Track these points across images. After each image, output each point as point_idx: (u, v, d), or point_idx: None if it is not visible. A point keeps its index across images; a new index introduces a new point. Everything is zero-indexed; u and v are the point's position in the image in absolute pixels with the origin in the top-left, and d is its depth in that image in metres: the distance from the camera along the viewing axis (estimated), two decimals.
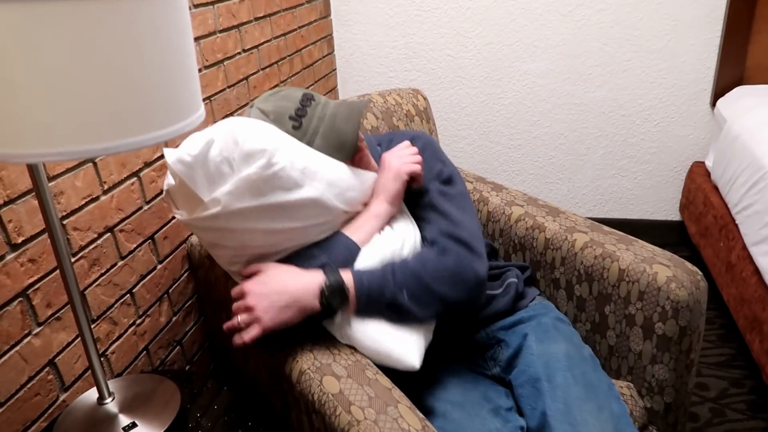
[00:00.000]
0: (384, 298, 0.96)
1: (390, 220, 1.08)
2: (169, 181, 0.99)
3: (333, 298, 0.94)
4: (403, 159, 1.09)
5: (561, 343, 1.13)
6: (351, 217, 1.06)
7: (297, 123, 0.99)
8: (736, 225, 1.81)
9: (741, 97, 2.12)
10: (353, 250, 1.01)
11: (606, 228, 1.33)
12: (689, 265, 1.20)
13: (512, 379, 1.11)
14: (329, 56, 2.50)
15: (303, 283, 0.95)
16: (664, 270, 1.17)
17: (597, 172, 2.55)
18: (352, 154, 1.04)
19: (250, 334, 0.93)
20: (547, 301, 1.29)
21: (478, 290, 1.02)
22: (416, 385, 1.05)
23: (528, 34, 2.37)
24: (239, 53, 1.73)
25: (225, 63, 1.64)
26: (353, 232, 1.03)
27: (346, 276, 0.96)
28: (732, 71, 2.24)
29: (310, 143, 1.00)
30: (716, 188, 2.08)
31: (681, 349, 1.18)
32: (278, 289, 0.95)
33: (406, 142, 1.15)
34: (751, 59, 2.22)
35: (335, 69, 2.57)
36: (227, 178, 0.92)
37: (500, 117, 2.53)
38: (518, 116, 2.52)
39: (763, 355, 1.55)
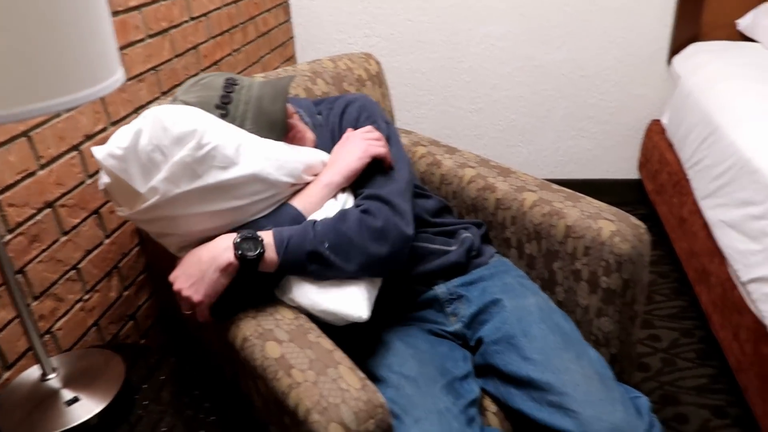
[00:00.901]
0: (304, 248, 0.96)
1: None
2: (104, 179, 0.98)
3: (246, 246, 0.94)
4: (368, 141, 1.09)
5: (531, 296, 1.16)
6: (301, 189, 1.06)
7: (224, 111, 1.00)
8: (688, 180, 1.84)
9: (695, 53, 2.13)
10: (298, 219, 1.01)
11: (555, 186, 1.34)
12: (633, 219, 1.22)
13: (485, 337, 1.11)
14: (285, 24, 2.45)
15: (215, 245, 0.95)
16: (608, 225, 1.19)
17: (558, 134, 2.57)
18: (284, 132, 1.04)
19: (201, 314, 0.94)
20: (506, 259, 1.30)
21: (400, 244, 1.01)
22: (373, 353, 1.06)
23: None
24: (186, 21, 1.68)
25: (171, 32, 1.60)
26: (301, 202, 1.04)
27: (266, 232, 0.97)
28: (688, 28, 2.25)
29: (240, 128, 0.99)
30: (671, 145, 2.10)
31: (625, 302, 1.20)
32: (193, 261, 0.95)
33: (369, 127, 1.14)
34: (706, 15, 2.23)
35: (292, 37, 2.52)
36: (161, 165, 0.91)
37: (461, 81, 2.52)
38: (479, 80, 2.51)
39: (710, 305, 1.60)
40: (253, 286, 0.99)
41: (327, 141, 1.17)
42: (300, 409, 0.83)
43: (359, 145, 1.08)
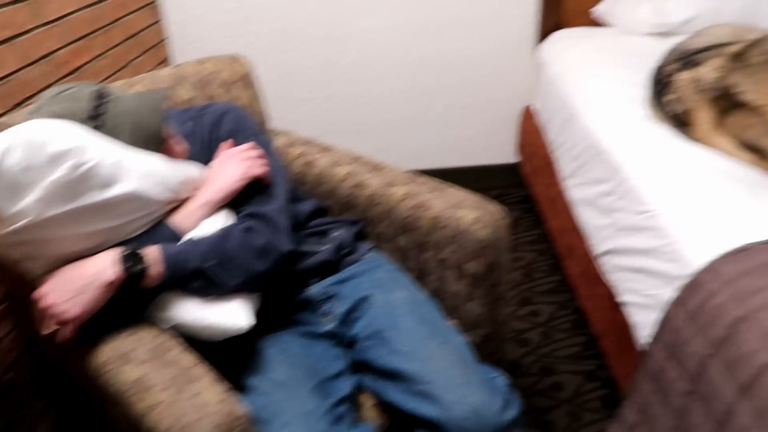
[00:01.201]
0: (188, 265, 0.97)
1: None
2: None
3: (133, 261, 0.93)
4: (249, 161, 1.10)
5: (400, 290, 1.20)
6: (179, 205, 1.04)
7: (98, 123, 0.95)
8: (555, 162, 1.96)
9: (558, 41, 2.26)
10: (176, 239, 1.01)
11: (422, 179, 1.39)
12: (492, 205, 1.29)
13: (358, 333, 1.14)
14: (156, 25, 2.35)
15: (97, 261, 0.93)
16: (469, 213, 1.25)
17: (441, 124, 2.65)
18: (161, 145, 1.02)
19: (66, 333, 0.90)
20: (381, 254, 1.34)
21: (280, 261, 1.06)
22: (246, 363, 1.06)
23: None
24: (36, 27, 1.58)
25: (17, 40, 1.50)
26: (179, 221, 1.03)
27: (150, 248, 0.95)
28: (551, 17, 2.38)
29: (115, 141, 0.96)
30: (541, 129, 2.23)
31: (490, 284, 1.27)
32: (71, 276, 0.92)
33: (250, 144, 1.14)
34: (567, 4, 2.37)
35: (165, 39, 2.43)
36: (33, 186, 0.86)
37: (344, 76, 2.53)
38: (361, 74, 2.53)
39: (576, 278, 1.72)
40: (127, 304, 0.97)
41: (198, 152, 1.16)
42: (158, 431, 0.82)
43: (240, 166, 1.08)
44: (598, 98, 1.71)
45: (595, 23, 2.35)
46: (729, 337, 0.86)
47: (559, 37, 2.29)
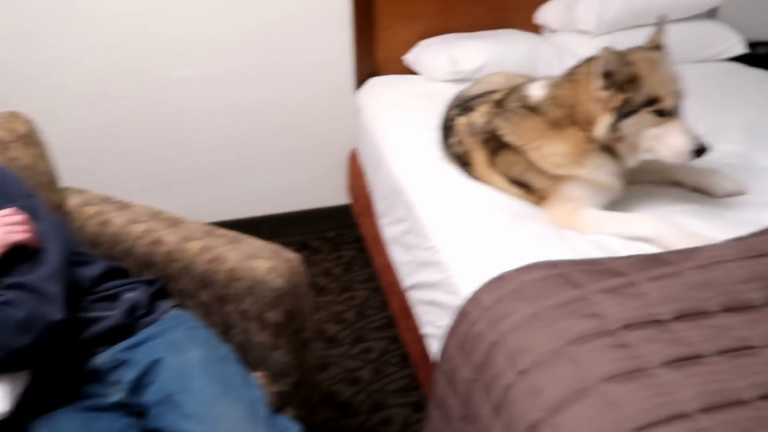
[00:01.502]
0: None
1: None
2: None
3: None
4: (8, 227, 1.02)
5: (196, 349, 1.15)
6: None
7: None
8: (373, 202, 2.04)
9: (372, 87, 2.39)
10: None
11: (220, 231, 1.37)
12: (288, 253, 1.30)
13: (148, 401, 1.08)
14: None
15: None
16: (263, 263, 1.25)
17: (272, 171, 2.65)
18: None
19: None
20: (183, 312, 1.28)
21: (48, 333, 0.99)
22: None
23: (176, 40, 2.33)
24: None
25: None
26: None
27: None
28: (366, 64, 2.50)
29: None
30: (363, 171, 2.32)
31: (292, 332, 1.27)
32: None
33: (8, 210, 1.05)
34: (380, 52, 2.51)
35: None
36: None
37: (165, 127, 2.46)
38: (184, 124, 2.47)
39: (396, 313, 1.78)
40: None
41: None
42: None
43: None
44: (400, 141, 1.82)
45: (408, 70, 2.51)
46: (486, 362, 0.93)
47: (373, 83, 2.41)
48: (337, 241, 2.76)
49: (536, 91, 1.36)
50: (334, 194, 2.77)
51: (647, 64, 1.22)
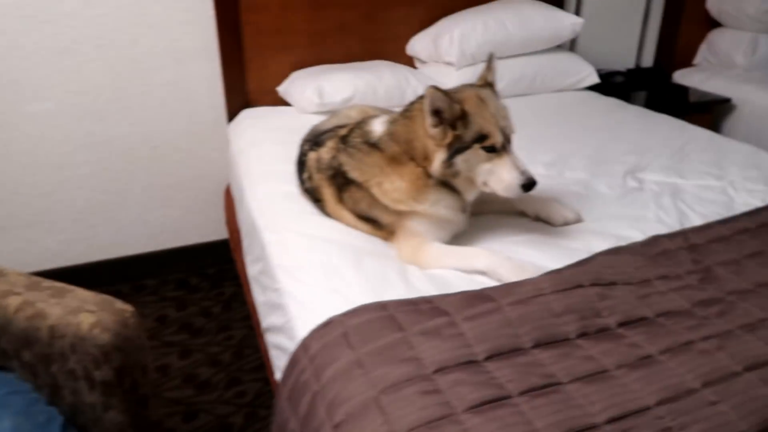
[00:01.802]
0: None
1: None
2: None
3: None
4: None
5: (6, 419, 1.04)
6: None
7: None
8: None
9: (243, 119, 2.33)
10: None
11: (45, 283, 1.26)
12: (119, 304, 1.21)
13: None
14: None
15: None
16: (88, 317, 1.15)
17: (142, 207, 2.52)
18: None
19: None
20: (5, 374, 1.16)
21: None
22: None
23: (25, 73, 2.18)
24: None
25: None
26: None
27: None
28: (237, 97, 2.45)
29: None
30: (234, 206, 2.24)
31: (126, 389, 1.18)
32: None
33: None
34: (252, 83, 2.46)
35: None
36: None
37: (17, 164, 2.28)
38: (40, 161, 2.30)
39: (265, 353, 1.71)
40: None
41: None
42: None
43: None
44: (261, 176, 1.77)
45: (284, 102, 2.48)
46: (309, 414, 0.90)
47: (244, 116, 2.36)
48: (218, 277, 2.66)
49: (377, 127, 1.37)
50: (214, 229, 2.67)
51: (475, 101, 1.25)
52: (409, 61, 2.64)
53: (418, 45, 2.53)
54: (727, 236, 1.28)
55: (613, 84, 2.83)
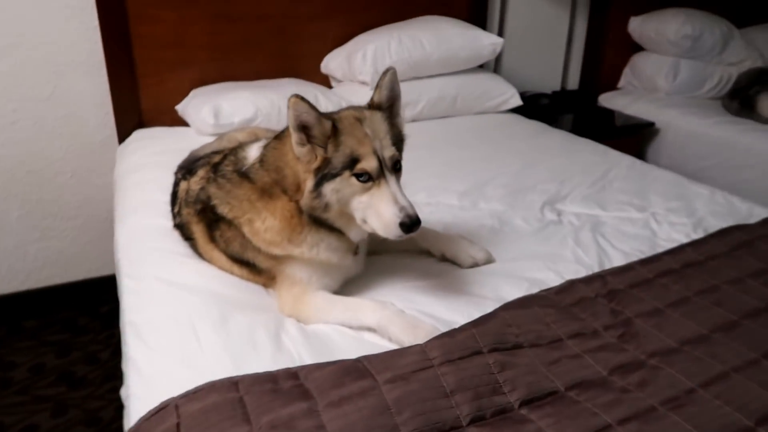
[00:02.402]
0: None
1: None
2: None
3: None
4: None
5: None
6: None
7: None
8: None
9: (132, 141, 2.08)
10: None
11: None
12: None
13: None
14: None
15: None
16: None
17: (19, 238, 2.21)
18: None
19: None
20: None
21: None
22: None
23: None
24: None
25: None
26: None
27: None
28: (129, 116, 2.19)
29: None
30: None
31: None
32: None
33: None
34: (145, 102, 2.21)
35: None
36: None
37: None
38: None
39: None
40: None
41: None
42: None
43: None
44: (135, 207, 1.54)
45: (182, 122, 2.24)
46: None
47: (135, 137, 2.11)
48: (111, 316, 2.36)
49: (253, 153, 1.16)
50: (104, 262, 2.37)
51: (351, 120, 1.06)
52: (325, 80, 2.45)
53: (332, 63, 2.35)
54: (650, 279, 1.14)
55: (539, 106, 2.73)
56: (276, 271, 1.13)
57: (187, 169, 1.32)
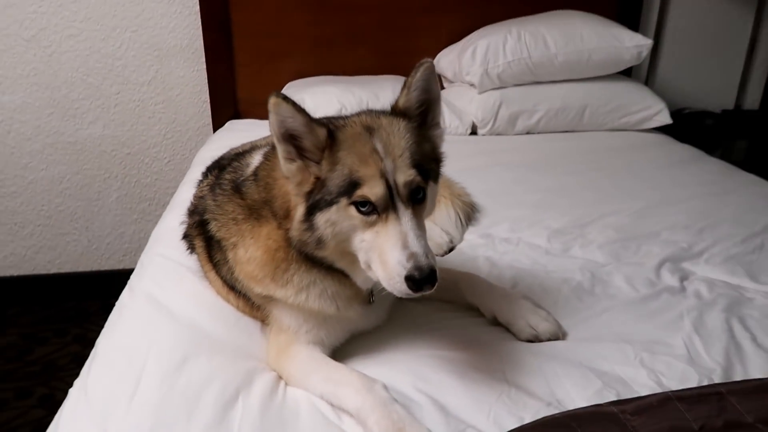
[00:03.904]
0: None
1: None
2: None
3: None
4: None
5: None
6: None
7: None
8: None
9: (222, 132, 1.99)
10: None
11: None
12: None
13: None
14: None
15: None
16: None
17: (117, 219, 2.25)
18: None
19: None
20: None
21: None
22: None
23: None
24: None
25: None
26: None
27: None
28: (225, 105, 2.11)
29: None
30: None
31: None
32: None
33: None
34: (242, 92, 2.12)
35: None
36: None
37: None
38: (3, 158, 2.09)
39: None
40: None
41: None
42: None
43: None
44: (176, 204, 1.41)
45: None
46: None
47: (227, 127, 2.02)
48: None
49: (256, 160, 0.93)
50: None
51: (356, 129, 0.79)
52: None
53: (443, 60, 2.07)
54: None
55: (700, 127, 2.21)
56: (267, 310, 0.90)
57: (207, 170, 1.13)
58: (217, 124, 2.12)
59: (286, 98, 0.75)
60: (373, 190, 0.75)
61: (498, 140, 1.87)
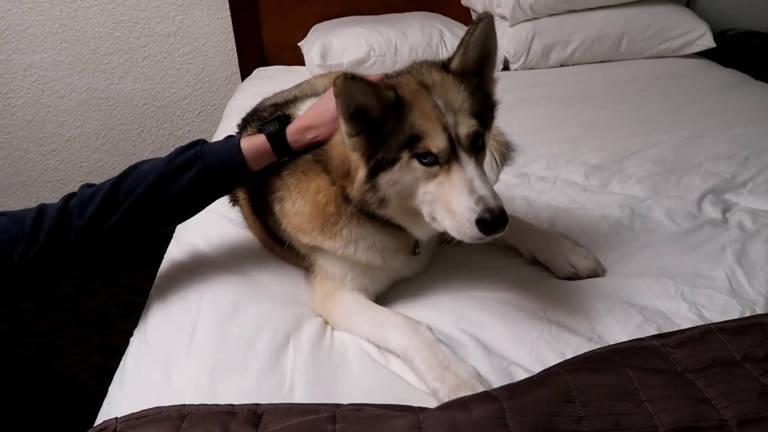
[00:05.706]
0: None
1: None
2: None
3: None
4: None
5: None
6: None
7: None
8: None
9: (251, 80, 1.99)
10: None
11: None
12: None
13: None
14: None
15: None
16: None
17: None
18: None
19: None
20: None
21: None
22: None
23: (16, 19, 1.97)
24: None
25: None
26: None
27: None
28: (252, 53, 2.10)
29: None
30: None
31: None
32: None
33: None
34: (268, 38, 2.10)
35: None
36: None
37: (19, 120, 2.12)
38: (40, 117, 2.13)
39: None
40: None
41: None
42: None
43: None
44: None
45: (301, 58, 2.09)
46: None
47: (255, 75, 2.01)
48: None
49: (303, 111, 0.93)
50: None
51: (412, 87, 0.78)
52: (465, 15, 2.11)
53: None
54: None
55: (746, 49, 2.10)
56: (312, 259, 0.93)
57: (244, 122, 1.14)
58: (245, 72, 2.12)
59: (354, 77, 0.73)
60: (436, 142, 0.75)
61: (531, 74, 1.82)
